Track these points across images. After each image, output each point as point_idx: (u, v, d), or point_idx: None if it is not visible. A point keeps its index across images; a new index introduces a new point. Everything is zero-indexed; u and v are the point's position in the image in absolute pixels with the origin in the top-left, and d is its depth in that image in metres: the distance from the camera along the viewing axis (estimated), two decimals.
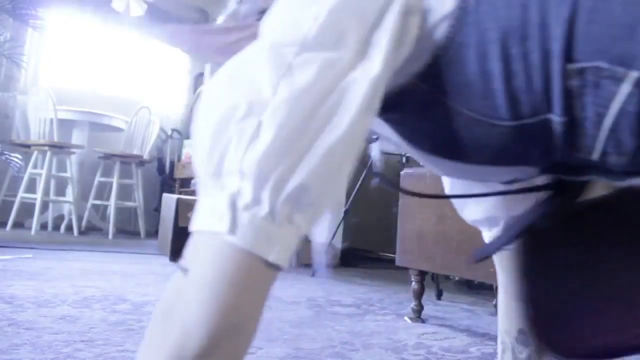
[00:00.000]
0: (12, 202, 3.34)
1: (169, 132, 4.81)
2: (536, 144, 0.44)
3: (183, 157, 4.57)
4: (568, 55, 0.40)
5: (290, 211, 0.40)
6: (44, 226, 3.52)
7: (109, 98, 4.41)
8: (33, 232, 3.23)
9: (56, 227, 3.62)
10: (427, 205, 1.63)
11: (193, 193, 3.92)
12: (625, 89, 0.38)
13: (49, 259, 2.32)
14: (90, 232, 3.75)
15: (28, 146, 3.49)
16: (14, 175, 3.36)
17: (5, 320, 1.19)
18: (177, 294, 0.42)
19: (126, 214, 4.18)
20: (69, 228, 3.54)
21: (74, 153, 3.64)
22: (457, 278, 3.07)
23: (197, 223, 0.42)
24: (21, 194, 3.32)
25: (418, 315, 1.75)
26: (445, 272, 2.19)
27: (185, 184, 4.20)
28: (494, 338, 1.64)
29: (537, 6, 0.41)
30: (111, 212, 3.65)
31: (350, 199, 3.06)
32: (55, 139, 3.44)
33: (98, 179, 3.78)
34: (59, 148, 3.47)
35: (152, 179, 4.43)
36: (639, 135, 0.40)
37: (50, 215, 3.63)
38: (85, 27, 4.49)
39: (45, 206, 3.52)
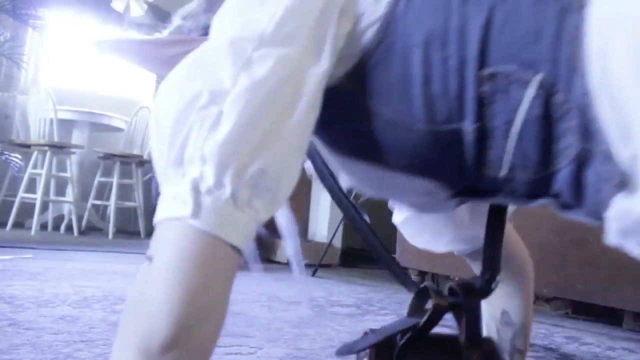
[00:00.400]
0: (12, 202, 3.34)
1: None
2: (449, 154, 0.45)
3: None
4: (482, 60, 0.41)
5: (250, 195, 0.41)
6: (44, 226, 3.52)
7: (109, 98, 4.41)
8: (33, 232, 3.23)
9: (56, 227, 3.62)
10: None
11: None
12: (530, 92, 0.40)
13: (49, 259, 2.32)
14: (90, 232, 3.75)
15: (28, 146, 3.49)
16: (14, 175, 3.36)
17: (5, 320, 1.19)
18: (142, 284, 0.42)
19: (126, 214, 4.18)
20: (69, 228, 3.54)
21: (74, 153, 3.64)
22: (457, 278, 3.07)
23: (160, 213, 0.42)
24: (21, 194, 3.32)
25: None
26: (445, 272, 2.19)
27: None
28: None
29: (458, 14, 0.43)
30: (111, 212, 3.65)
31: (350, 199, 3.06)
32: (55, 139, 3.44)
33: (98, 179, 3.78)
34: (59, 148, 3.47)
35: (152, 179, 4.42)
36: (542, 144, 0.41)
37: (50, 215, 3.63)
38: (85, 27, 4.49)
39: (45, 206, 3.52)
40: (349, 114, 0.48)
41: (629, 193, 0.38)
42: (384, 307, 1.92)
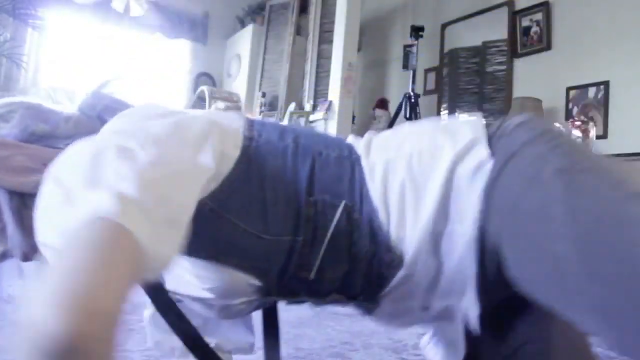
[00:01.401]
0: None
1: None
2: (283, 257, 0.59)
3: None
4: (309, 191, 0.60)
5: (162, 217, 0.46)
6: None
7: None
8: None
9: None
10: None
11: None
12: (338, 212, 0.59)
13: None
14: None
15: None
16: None
17: (5, 320, 1.18)
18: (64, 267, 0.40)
19: None
20: None
21: None
22: None
23: (83, 213, 0.42)
24: None
25: None
26: None
27: None
28: None
29: (291, 161, 0.62)
30: None
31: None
32: None
33: None
34: None
35: None
36: (344, 249, 0.59)
37: None
38: (85, 27, 4.49)
39: None
40: (207, 225, 0.57)
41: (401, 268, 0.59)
42: None
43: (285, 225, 0.59)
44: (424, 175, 0.59)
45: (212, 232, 0.57)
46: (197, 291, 0.63)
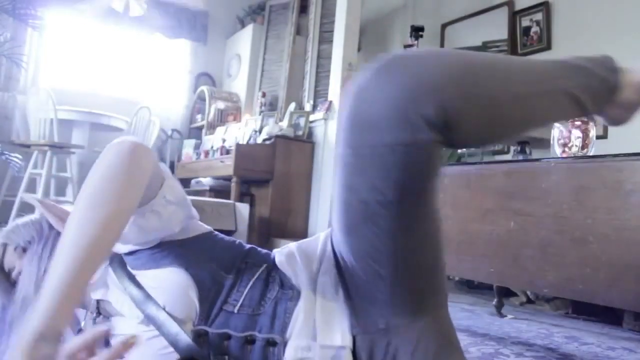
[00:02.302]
0: (12, 202, 3.33)
1: (169, 132, 4.81)
2: (216, 285, 0.80)
3: (183, 157, 4.57)
4: (244, 258, 0.86)
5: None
6: None
7: (109, 98, 4.42)
8: None
9: None
10: None
11: (194, 193, 3.91)
12: (261, 269, 0.83)
13: None
14: None
15: (28, 146, 3.49)
16: (14, 175, 3.36)
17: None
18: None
19: None
20: None
21: (74, 153, 3.64)
22: (457, 278, 3.06)
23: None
24: (21, 194, 3.32)
25: None
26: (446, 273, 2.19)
27: (185, 183, 4.20)
28: (494, 338, 1.64)
29: (235, 245, 0.90)
30: None
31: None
32: (56, 139, 3.44)
33: None
34: (59, 148, 3.47)
35: None
36: (260, 292, 0.79)
37: None
38: (85, 27, 4.49)
39: None
40: (175, 250, 0.84)
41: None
42: None
43: (223, 265, 0.82)
44: (309, 247, 0.86)
45: (177, 253, 0.83)
46: (150, 292, 0.79)
